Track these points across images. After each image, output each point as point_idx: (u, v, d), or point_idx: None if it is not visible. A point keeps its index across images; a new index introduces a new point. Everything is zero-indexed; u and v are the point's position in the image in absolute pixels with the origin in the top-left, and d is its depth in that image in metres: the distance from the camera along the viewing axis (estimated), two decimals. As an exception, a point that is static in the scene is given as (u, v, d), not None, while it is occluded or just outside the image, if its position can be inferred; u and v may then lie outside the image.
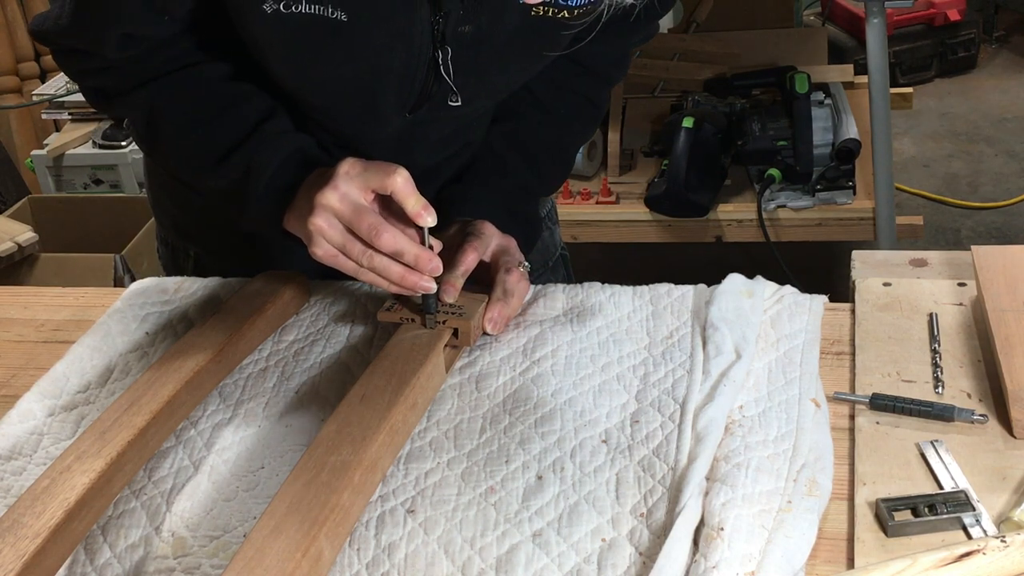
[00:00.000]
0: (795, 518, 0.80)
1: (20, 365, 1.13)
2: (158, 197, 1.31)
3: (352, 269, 0.99)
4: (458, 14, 0.99)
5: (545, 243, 1.33)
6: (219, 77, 1.07)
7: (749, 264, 1.28)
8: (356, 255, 0.97)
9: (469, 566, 0.81)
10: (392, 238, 0.96)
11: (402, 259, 0.97)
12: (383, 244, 0.96)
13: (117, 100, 1.09)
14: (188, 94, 1.06)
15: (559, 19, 1.02)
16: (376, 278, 0.99)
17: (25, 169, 3.21)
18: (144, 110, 1.07)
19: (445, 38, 1.01)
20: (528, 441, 0.92)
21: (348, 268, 0.99)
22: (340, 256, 0.98)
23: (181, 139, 1.07)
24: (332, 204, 0.96)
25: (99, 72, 1.07)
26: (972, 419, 0.90)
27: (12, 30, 3.31)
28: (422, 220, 0.97)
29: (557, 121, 1.22)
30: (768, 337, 1.02)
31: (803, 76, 2.63)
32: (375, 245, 0.96)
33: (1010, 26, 4.50)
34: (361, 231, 0.96)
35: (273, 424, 0.98)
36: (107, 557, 0.85)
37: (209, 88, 1.07)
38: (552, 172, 1.25)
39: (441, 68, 1.03)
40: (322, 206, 0.96)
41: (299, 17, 0.95)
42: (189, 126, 1.06)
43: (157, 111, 1.06)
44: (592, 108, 1.27)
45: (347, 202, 0.96)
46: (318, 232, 0.97)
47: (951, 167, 3.68)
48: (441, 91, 1.05)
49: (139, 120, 1.09)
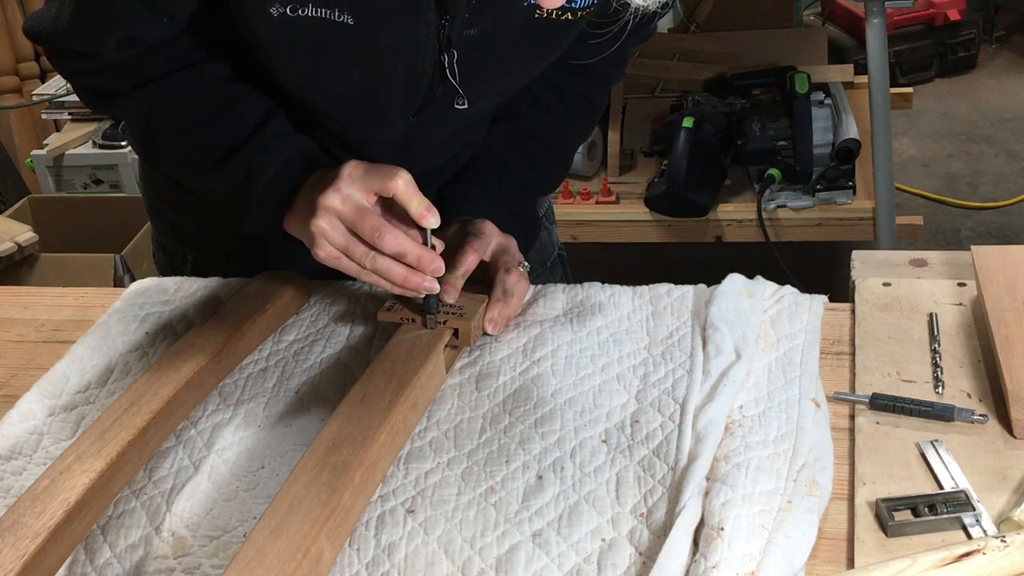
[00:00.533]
0: (795, 518, 0.80)
1: (20, 365, 1.13)
2: (154, 202, 1.30)
3: (354, 271, 0.99)
4: (464, 17, 0.99)
5: (543, 243, 1.33)
6: (218, 78, 1.07)
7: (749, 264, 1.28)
8: (359, 257, 0.97)
9: (469, 566, 0.81)
10: (395, 239, 0.96)
11: (404, 260, 0.97)
12: (386, 245, 0.96)
13: (114, 101, 1.08)
14: (187, 95, 1.06)
15: (563, 21, 1.02)
16: (378, 279, 0.99)
17: (25, 169, 3.21)
18: (142, 112, 1.06)
19: (451, 41, 1.01)
20: (528, 441, 0.92)
21: (350, 269, 0.99)
22: (343, 258, 0.98)
23: (179, 140, 1.07)
24: (335, 206, 0.96)
25: (96, 73, 1.06)
26: (972, 419, 0.90)
27: (12, 30, 3.31)
28: (426, 222, 0.97)
29: (556, 121, 1.23)
30: (768, 337, 1.02)
31: (803, 76, 2.63)
32: (378, 246, 0.96)
33: (1010, 26, 4.50)
34: (364, 233, 0.96)
35: (273, 424, 0.98)
36: (107, 557, 0.85)
37: (208, 89, 1.06)
38: (551, 171, 1.25)
39: (447, 71, 1.03)
40: (325, 208, 0.96)
41: (306, 20, 0.95)
42: (188, 127, 1.06)
43: (155, 112, 1.06)
44: (591, 108, 1.27)
45: (350, 204, 0.96)
46: (321, 234, 0.97)
47: (951, 167, 3.68)
48: (447, 94, 1.05)
49: (136, 122, 1.08)
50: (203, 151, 1.06)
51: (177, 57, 1.06)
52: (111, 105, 1.09)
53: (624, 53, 1.25)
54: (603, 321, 1.07)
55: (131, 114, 1.08)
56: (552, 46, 1.07)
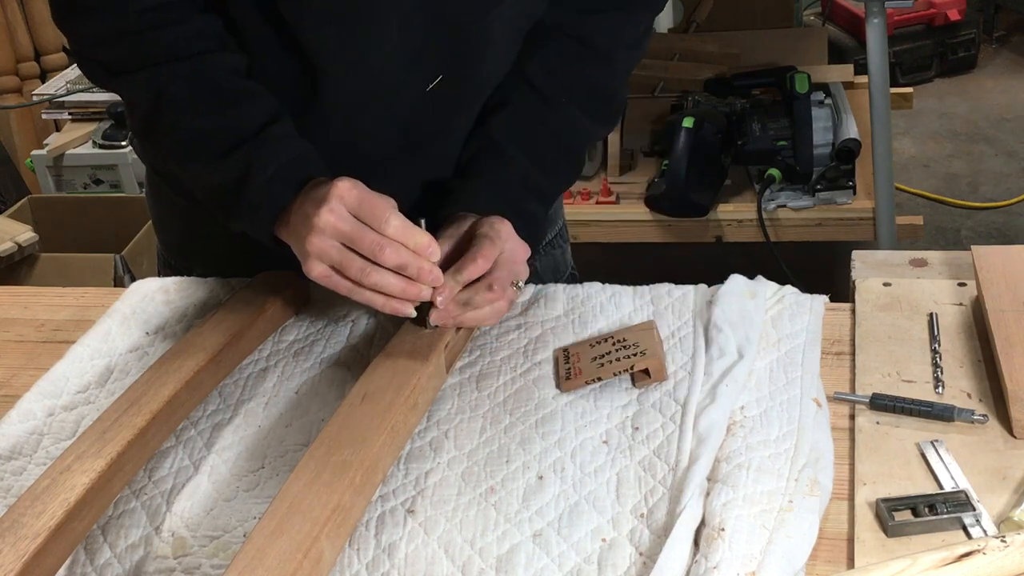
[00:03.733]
0: (796, 518, 0.80)
1: (20, 365, 1.13)
2: (163, 217, 1.29)
3: (346, 289, 0.97)
4: None
5: (556, 261, 1.32)
6: (229, 72, 1.06)
7: (749, 264, 1.27)
8: (355, 272, 0.96)
9: (469, 566, 0.81)
10: (395, 253, 0.95)
11: (404, 272, 0.96)
12: (386, 259, 0.95)
13: (121, 78, 1.07)
14: (196, 83, 1.05)
15: None
16: (371, 296, 0.97)
17: (25, 169, 3.21)
18: (151, 92, 1.05)
19: None
20: (528, 441, 0.92)
21: (342, 288, 0.98)
22: (334, 276, 0.97)
23: (184, 128, 1.06)
24: (330, 223, 0.95)
25: (111, 42, 1.05)
26: (972, 419, 0.90)
27: (12, 30, 3.31)
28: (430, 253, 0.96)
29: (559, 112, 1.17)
30: (769, 337, 1.02)
31: (803, 76, 2.63)
32: (378, 260, 0.95)
33: (1010, 26, 4.50)
34: (363, 248, 0.95)
35: (273, 424, 0.98)
36: (107, 557, 0.85)
37: (219, 81, 1.05)
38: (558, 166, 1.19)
39: None
40: (319, 227, 0.96)
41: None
42: (195, 115, 1.05)
43: (164, 95, 1.05)
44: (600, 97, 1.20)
45: (345, 221, 0.95)
46: (316, 253, 0.96)
47: (951, 167, 3.68)
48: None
49: (145, 101, 1.07)
50: (206, 142, 1.05)
51: (191, 39, 1.04)
52: (118, 82, 1.08)
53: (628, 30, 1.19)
54: (604, 322, 1.07)
55: (138, 94, 1.07)
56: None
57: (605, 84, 1.19)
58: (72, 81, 3.14)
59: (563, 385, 0.99)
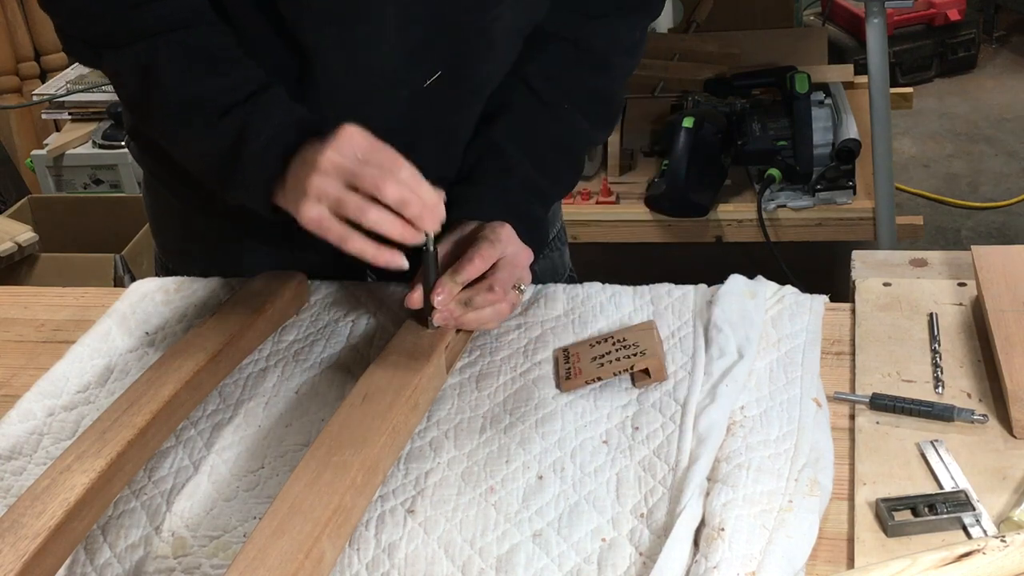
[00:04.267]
0: (796, 518, 0.80)
1: (20, 365, 1.14)
2: (160, 220, 1.28)
3: (337, 235, 0.94)
4: None
5: (554, 264, 1.31)
6: (218, 41, 1.04)
7: (749, 264, 1.27)
8: (352, 210, 0.93)
9: (469, 566, 0.81)
10: (397, 187, 0.92)
11: (406, 210, 0.93)
12: (388, 192, 0.92)
13: (107, 53, 1.05)
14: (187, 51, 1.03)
15: None
16: (363, 246, 0.94)
17: (25, 169, 3.21)
18: (139, 64, 1.03)
19: None
20: (528, 441, 0.92)
21: (334, 234, 0.94)
22: (327, 219, 0.94)
23: (175, 97, 1.03)
24: (334, 161, 0.93)
25: (97, 18, 1.03)
26: (972, 419, 0.90)
27: (12, 30, 3.31)
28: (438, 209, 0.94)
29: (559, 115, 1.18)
30: (769, 337, 1.02)
31: (803, 76, 2.63)
32: (380, 194, 0.92)
33: (1010, 26, 4.49)
34: (365, 183, 0.92)
35: (273, 424, 0.98)
36: (107, 557, 0.85)
37: (210, 50, 1.04)
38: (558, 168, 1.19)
39: None
40: (322, 166, 0.93)
41: None
42: (186, 82, 1.03)
43: (154, 67, 1.03)
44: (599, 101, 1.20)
45: (350, 157, 0.93)
46: (315, 192, 0.93)
47: (951, 167, 3.67)
48: None
49: (130, 79, 1.05)
50: (199, 107, 1.02)
51: (182, 11, 1.03)
52: (103, 59, 1.06)
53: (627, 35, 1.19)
54: (604, 322, 1.07)
55: (126, 67, 1.05)
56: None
57: (603, 88, 1.20)
58: (72, 81, 3.15)
59: (563, 385, 0.99)
